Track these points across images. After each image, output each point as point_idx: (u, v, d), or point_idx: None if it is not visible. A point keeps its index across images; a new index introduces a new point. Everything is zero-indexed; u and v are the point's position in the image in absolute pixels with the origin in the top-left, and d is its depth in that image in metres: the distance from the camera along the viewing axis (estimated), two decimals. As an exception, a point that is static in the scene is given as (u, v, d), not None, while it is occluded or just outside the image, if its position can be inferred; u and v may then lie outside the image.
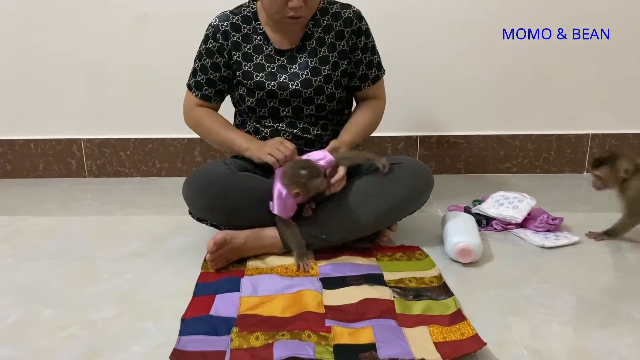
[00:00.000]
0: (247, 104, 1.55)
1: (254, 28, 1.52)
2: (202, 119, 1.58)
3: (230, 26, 1.52)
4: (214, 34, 1.52)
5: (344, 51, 1.53)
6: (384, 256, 1.44)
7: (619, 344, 1.06)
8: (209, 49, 1.53)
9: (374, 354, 1.01)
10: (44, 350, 1.06)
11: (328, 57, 1.52)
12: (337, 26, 1.52)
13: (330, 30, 1.52)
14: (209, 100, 1.58)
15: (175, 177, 2.25)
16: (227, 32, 1.52)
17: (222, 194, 1.41)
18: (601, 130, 2.21)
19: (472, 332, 1.07)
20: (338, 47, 1.52)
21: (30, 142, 2.24)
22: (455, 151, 2.22)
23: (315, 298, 1.20)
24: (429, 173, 1.51)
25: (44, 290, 1.31)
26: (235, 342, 1.05)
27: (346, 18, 1.52)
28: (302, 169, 1.34)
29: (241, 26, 1.52)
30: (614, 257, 1.45)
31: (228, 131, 1.55)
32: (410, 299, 1.21)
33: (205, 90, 1.56)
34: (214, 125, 1.56)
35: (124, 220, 1.77)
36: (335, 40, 1.52)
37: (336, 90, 1.54)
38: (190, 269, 1.38)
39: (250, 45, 1.52)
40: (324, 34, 1.52)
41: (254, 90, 1.52)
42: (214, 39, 1.52)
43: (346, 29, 1.52)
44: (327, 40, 1.52)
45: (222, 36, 1.51)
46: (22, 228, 1.72)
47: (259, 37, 1.52)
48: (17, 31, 2.13)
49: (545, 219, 1.59)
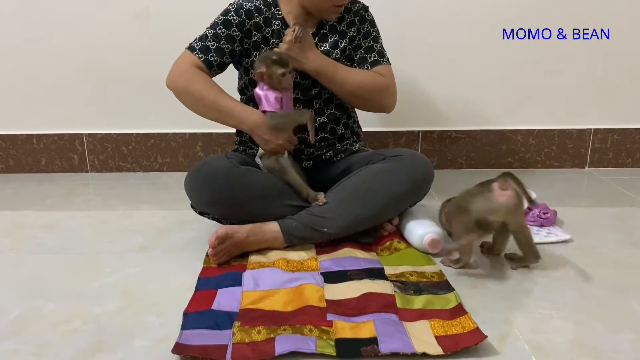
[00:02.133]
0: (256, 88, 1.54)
1: (273, 13, 1.55)
2: (196, 80, 1.48)
3: (254, 8, 1.54)
4: (237, 9, 1.53)
5: (352, 37, 1.59)
6: (384, 250, 1.44)
7: (620, 339, 1.06)
8: (228, 20, 1.53)
9: (376, 347, 1.01)
10: (47, 344, 1.07)
11: (337, 42, 1.57)
12: (347, 17, 1.59)
13: (342, 20, 1.59)
14: (209, 67, 1.51)
15: (177, 171, 2.25)
16: (250, 11, 1.53)
17: (223, 188, 1.41)
18: (603, 125, 2.21)
19: (472, 326, 1.07)
20: (348, 34, 1.58)
21: (33, 137, 2.25)
22: (457, 146, 2.22)
23: (316, 292, 1.20)
24: (429, 165, 1.51)
25: (46, 284, 1.32)
26: (237, 336, 1.05)
27: (355, 10, 1.60)
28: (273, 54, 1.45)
29: (262, 9, 1.55)
30: (616, 252, 1.45)
31: (226, 99, 1.47)
32: (411, 293, 1.21)
33: (210, 56, 1.50)
34: (210, 91, 1.47)
35: (126, 215, 1.78)
36: (346, 28, 1.59)
37: None
38: (193, 263, 1.39)
39: (269, 29, 1.54)
40: (337, 22, 1.58)
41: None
42: (237, 14, 1.53)
43: (355, 18, 1.59)
44: (339, 28, 1.58)
45: (245, 13, 1.53)
46: (25, 223, 1.72)
47: (277, 21, 1.55)
48: (18, 27, 2.13)
49: (537, 213, 1.58)
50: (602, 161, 2.24)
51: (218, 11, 1.56)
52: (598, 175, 2.16)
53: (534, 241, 1.48)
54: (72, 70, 2.18)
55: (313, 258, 1.39)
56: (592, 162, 2.25)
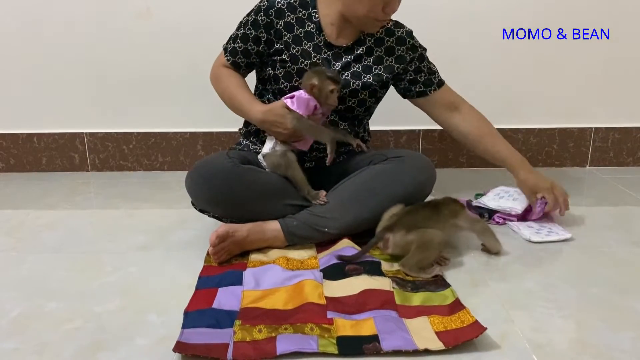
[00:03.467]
0: (279, 85, 1.54)
1: (309, 15, 1.52)
2: (222, 76, 1.59)
3: (287, 6, 1.51)
4: (267, 9, 1.51)
5: (391, 66, 1.56)
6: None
7: (621, 337, 1.06)
8: (256, 21, 1.52)
9: (377, 345, 1.01)
10: (48, 343, 1.07)
11: (371, 67, 1.54)
12: (388, 42, 1.56)
13: (381, 44, 1.55)
14: (238, 69, 1.59)
15: (178, 170, 2.25)
16: (281, 10, 1.51)
17: (224, 187, 1.41)
18: (604, 124, 2.21)
19: (472, 320, 1.08)
20: (385, 62, 1.56)
21: (33, 136, 2.25)
22: (458, 145, 2.22)
23: (315, 288, 1.21)
24: (432, 167, 1.51)
25: (48, 283, 1.32)
26: (238, 335, 1.05)
27: (399, 37, 1.57)
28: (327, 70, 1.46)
29: (297, 9, 1.52)
30: (617, 251, 1.45)
31: (242, 92, 1.55)
32: (408, 290, 1.22)
33: (238, 58, 1.57)
34: (230, 84, 1.57)
35: (127, 214, 1.78)
36: (384, 54, 1.56)
37: (369, 98, 1.57)
38: (193, 262, 1.39)
39: (302, 30, 1.52)
40: (375, 45, 1.55)
41: (293, 75, 1.52)
42: (266, 14, 1.51)
43: (397, 47, 1.57)
44: (376, 52, 1.55)
45: (275, 13, 1.51)
46: (26, 221, 1.72)
47: (312, 24, 1.52)
48: (19, 26, 2.13)
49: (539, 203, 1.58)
50: (603, 160, 2.24)
51: (222, 10, 1.55)
52: (599, 174, 2.15)
53: (536, 240, 1.49)
54: (72, 70, 2.18)
55: (313, 257, 1.39)
56: (592, 161, 2.24)
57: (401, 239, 1.32)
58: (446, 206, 1.40)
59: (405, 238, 1.32)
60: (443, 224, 1.36)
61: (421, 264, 1.30)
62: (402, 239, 1.32)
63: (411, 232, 1.32)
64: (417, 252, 1.30)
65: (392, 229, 1.34)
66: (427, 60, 1.64)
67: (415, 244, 1.30)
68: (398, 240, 1.32)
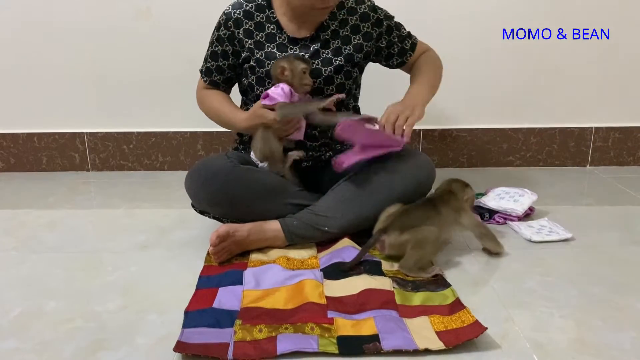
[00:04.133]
0: (255, 92, 1.55)
1: (267, 16, 1.53)
2: (205, 97, 1.63)
3: (243, 14, 1.52)
4: (225, 22, 1.53)
5: (359, 45, 1.55)
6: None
7: (621, 337, 1.06)
8: (220, 37, 1.54)
9: (378, 345, 1.01)
10: (48, 342, 1.07)
11: (340, 49, 1.53)
12: (352, 20, 1.54)
13: (345, 24, 1.54)
14: (217, 87, 1.62)
15: (178, 170, 2.25)
16: (239, 19, 1.52)
17: (224, 187, 1.41)
18: (604, 123, 2.21)
19: (472, 319, 1.08)
20: (353, 41, 1.54)
21: (34, 136, 2.25)
22: (458, 144, 2.22)
23: (316, 288, 1.21)
24: (431, 165, 1.51)
25: (48, 282, 1.32)
26: (238, 335, 1.05)
27: (362, 13, 1.55)
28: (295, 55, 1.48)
29: (254, 14, 1.53)
30: (617, 250, 1.45)
31: (225, 106, 1.59)
32: (409, 290, 1.22)
33: (214, 76, 1.59)
34: (213, 102, 1.60)
35: (127, 214, 1.78)
36: (351, 33, 1.54)
37: (346, 81, 1.55)
38: (194, 261, 1.39)
39: (262, 33, 1.52)
40: (339, 27, 1.54)
41: (265, 79, 1.52)
42: (226, 27, 1.53)
43: (362, 24, 1.55)
44: (342, 33, 1.54)
45: (233, 24, 1.52)
46: (27, 221, 1.72)
47: (272, 25, 1.53)
48: (19, 26, 2.13)
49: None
50: (603, 160, 2.24)
51: (219, 10, 1.56)
52: (599, 173, 2.15)
53: (536, 239, 1.49)
54: (73, 69, 2.18)
55: (313, 256, 1.39)
56: (593, 161, 2.24)
57: (395, 240, 1.32)
58: (445, 204, 1.40)
59: (400, 239, 1.31)
60: (443, 222, 1.36)
61: (420, 264, 1.30)
62: (396, 239, 1.32)
63: (405, 232, 1.31)
64: (414, 252, 1.30)
65: (386, 230, 1.34)
66: (396, 29, 1.61)
67: (411, 244, 1.30)
68: (393, 242, 1.32)
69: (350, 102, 1.63)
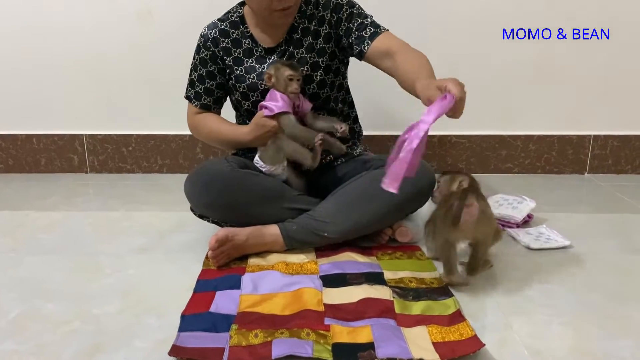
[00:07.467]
0: (244, 107, 1.58)
1: (242, 32, 1.55)
2: (199, 123, 1.62)
3: (219, 33, 1.54)
4: (204, 43, 1.55)
5: (328, 34, 1.54)
6: (385, 255, 1.44)
7: (619, 345, 1.06)
8: (202, 59, 1.56)
9: (373, 353, 1.01)
10: (46, 344, 1.07)
11: (313, 44, 1.53)
12: (318, 13, 1.54)
13: (313, 19, 1.54)
14: (208, 109, 1.62)
15: (176, 173, 2.25)
16: (216, 39, 1.54)
17: (223, 191, 1.41)
18: (603, 131, 2.21)
19: (471, 333, 1.07)
20: (323, 32, 1.54)
21: (33, 137, 2.25)
22: (457, 151, 2.23)
23: (315, 296, 1.20)
24: (431, 171, 1.51)
25: (46, 284, 1.32)
26: (234, 339, 1.05)
27: (324, 3, 1.55)
28: (285, 62, 1.48)
29: (229, 31, 1.55)
30: (615, 258, 1.46)
31: (223, 126, 1.59)
32: (409, 299, 1.21)
33: (204, 99, 1.60)
34: (209, 125, 1.60)
35: (126, 216, 1.78)
36: (318, 26, 1.54)
37: (326, 76, 1.56)
38: (192, 265, 1.39)
39: (239, 49, 1.54)
40: (308, 22, 1.54)
41: (248, 93, 1.54)
42: (205, 48, 1.55)
43: (325, 12, 1.54)
44: (311, 28, 1.54)
45: (212, 44, 1.54)
46: (25, 223, 1.72)
47: (247, 40, 1.54)
48: (19, 27, 2.13)
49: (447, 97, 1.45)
50: (602, 167, 2.25)
51: (219, 12, 1.57)
52: (597, 181, 2.16)
53: (535, 247, 1.49)
54: (72, 71, 2.18)
55: (313, 261, 1.39)
56: (591, 168, 2.25)
57: (487, 209, 1.18)
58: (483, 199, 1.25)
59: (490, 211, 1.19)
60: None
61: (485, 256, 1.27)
62: (487, 209, 1.16)
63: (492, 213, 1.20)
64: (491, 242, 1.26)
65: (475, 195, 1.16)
66: (357, 16, 1.53)
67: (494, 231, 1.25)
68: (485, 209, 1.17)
69: (344, 109, 1.63)
